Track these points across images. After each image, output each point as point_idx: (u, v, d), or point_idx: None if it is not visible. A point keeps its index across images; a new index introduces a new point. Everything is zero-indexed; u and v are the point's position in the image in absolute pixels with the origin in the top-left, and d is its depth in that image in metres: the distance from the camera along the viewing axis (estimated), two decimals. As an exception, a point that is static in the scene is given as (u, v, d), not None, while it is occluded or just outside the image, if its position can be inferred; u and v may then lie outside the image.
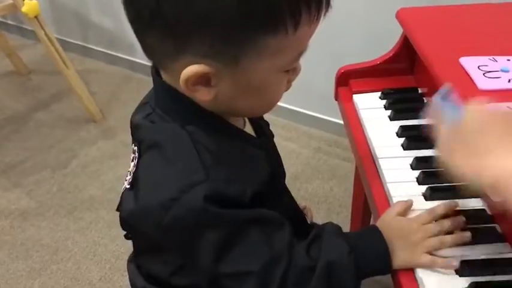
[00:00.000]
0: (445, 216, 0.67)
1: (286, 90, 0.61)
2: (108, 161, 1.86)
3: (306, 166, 1.79)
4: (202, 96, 0.54)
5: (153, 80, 0.61)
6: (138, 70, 2.37)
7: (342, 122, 1.00)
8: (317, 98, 1.82)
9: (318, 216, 1.48)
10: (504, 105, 0.68)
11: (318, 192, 1.69)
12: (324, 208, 1.61)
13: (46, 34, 1.85)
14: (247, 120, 0.68)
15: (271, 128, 0.77)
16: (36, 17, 1.80)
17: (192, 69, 0.51)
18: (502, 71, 0.76)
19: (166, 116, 0.59)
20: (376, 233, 0.64)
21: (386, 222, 0.67)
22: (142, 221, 0.57)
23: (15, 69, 2.44)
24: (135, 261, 0.70)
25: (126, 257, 0.74)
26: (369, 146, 0.86)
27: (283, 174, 0.77)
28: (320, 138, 1.92)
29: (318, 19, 0.53)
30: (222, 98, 0.55)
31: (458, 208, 0.69)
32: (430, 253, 0.63)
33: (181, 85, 0.53)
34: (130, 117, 0.64)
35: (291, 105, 1.93)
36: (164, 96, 0.59)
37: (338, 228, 0.65)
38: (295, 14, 0.49)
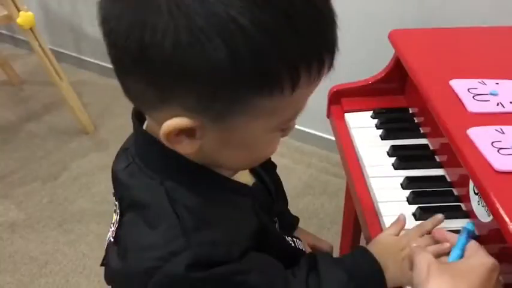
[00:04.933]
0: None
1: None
2: (99, 173, 1.86)
3: (298, 181, 1.79)
4: (185, 148, 0.50)
5: (133, 126, 0.57)
6: (131, 82, 2.37)
7: (333, 138, 1.01)
8: (310, 115, 1.81)
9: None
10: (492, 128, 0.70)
11: (309, 207, 1.69)
12: (314, 224, 1.62)
13: (40, 45, 1.85)
14: None
15: None
16: (31, 28, 1.80)
17: (174, 123, 0.46)
18: (491, 94, 0.78)
19: (145, 168, 0.55)
20: (369, 255, 0.65)
21: (378, 241, 0.69)
22: (126, 284, 0.56)
23: (7, 79, 2.43)
24: None
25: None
26: (360, 165, 0.88)
27: (284, 204, 0.77)
28: (312, 154, 1.93)
29: (318, 80, 0.48)
30: (206, 150, 0.51)
31: (448, 228, 0.70)
32: None
33: (161, 137, 0.48)
34: (122, 128, 0.61)
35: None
36: (144, 146, 0.56)
37: (330, 255, 0.66)
38: (293, 76, 0.45)
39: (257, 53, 0.42)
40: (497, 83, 0.80)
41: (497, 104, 0.76)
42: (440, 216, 0.69)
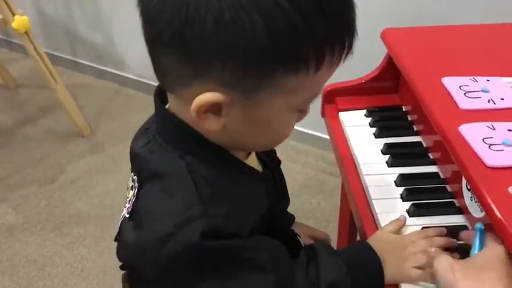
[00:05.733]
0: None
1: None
2: (96, 175, 1.86)
3: (294, 181, 1.80)
4: (211, 125, 0.52)
5: (155, 106, 0.59)
6: (127, 85, 2.38)
7: (328, 137, 1.02)
8: (305, 114, 1.84)
9: (305, 231, 1.49)
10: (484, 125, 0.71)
11: (306, 206, 1.70)
12: (311, 222, 1.62)
13: (35, 49, 1.85)
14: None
15: None
16: (26, 32, 1.80)
17: (206, 97, 0.49)
18: (482, 91, 0.79)
19: (165, 144, 0.57)
20: (369, 249, 0.66)
21: (377, 237, 0.70)
22: (139, 256, 0.56)
23: (3, 83, 2.43)
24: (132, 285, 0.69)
25: (114, 272, 0.74)
26: (354, 163, 0.88)
27: (286, 203, 0.78)
28: (308, 153, 1.93)
29: (338, 63, 0.52)
30: (229, 129, 0.53)
31: (442, 224, 0.71)
32: (419, 268, 0.65)
33: (191, 112, 0.50)
34: (118, 131, 0.63)
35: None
36: (166, 124, 0.58)
37: (330, 247, 0.67)
38: (319, 56, 0.49)
39: (293, 31, 0.46)
40: (488, 80, 0.81)
41: (488, 101, 0.77)
42: (444, 229, 0.70)
